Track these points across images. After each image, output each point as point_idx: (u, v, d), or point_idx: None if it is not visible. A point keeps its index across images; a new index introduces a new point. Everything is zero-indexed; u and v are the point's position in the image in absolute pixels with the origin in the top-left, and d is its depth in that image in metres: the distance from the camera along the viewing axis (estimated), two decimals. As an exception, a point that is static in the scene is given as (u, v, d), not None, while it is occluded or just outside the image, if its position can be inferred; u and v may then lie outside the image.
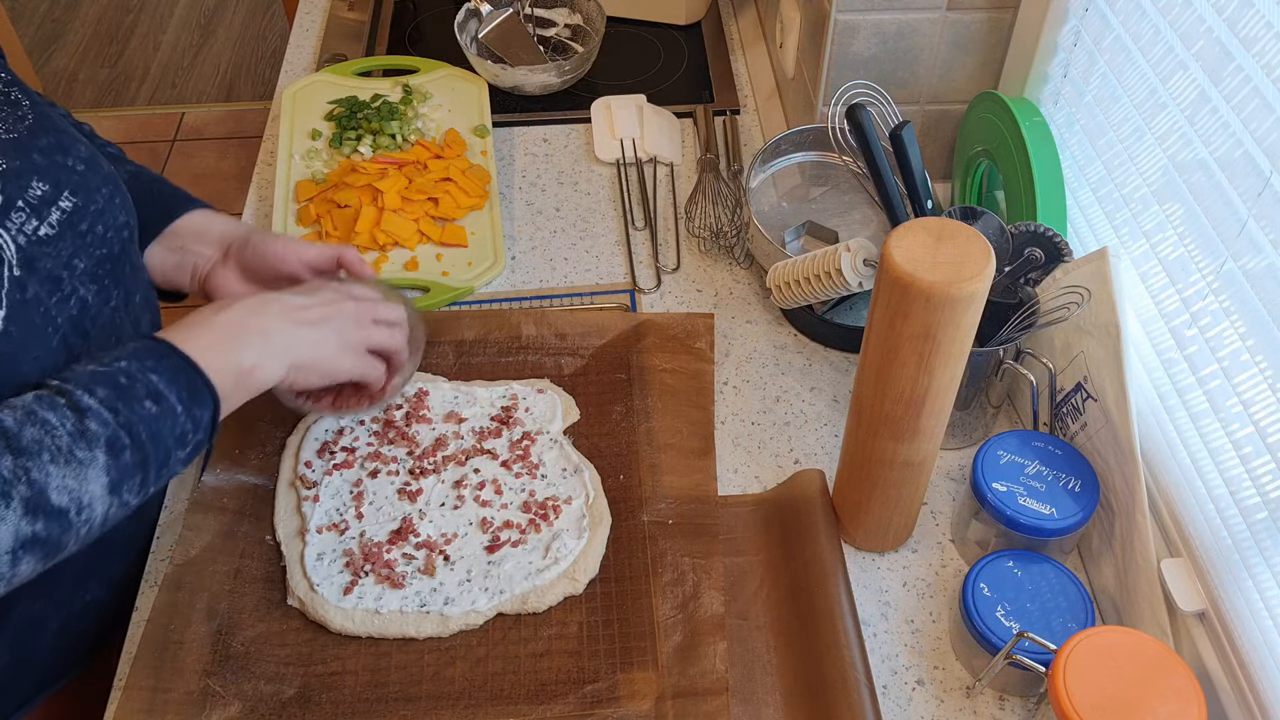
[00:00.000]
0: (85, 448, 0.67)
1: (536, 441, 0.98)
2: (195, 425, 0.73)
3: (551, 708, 0.82)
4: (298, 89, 1.36)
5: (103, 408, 0.68)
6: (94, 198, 0.80)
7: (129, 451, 0.69)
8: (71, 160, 0.79)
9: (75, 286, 0.78)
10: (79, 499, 0.66)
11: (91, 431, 0.67)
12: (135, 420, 0.69)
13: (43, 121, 0.79)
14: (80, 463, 0.66)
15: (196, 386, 0.73)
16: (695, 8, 1.52)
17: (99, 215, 0.80)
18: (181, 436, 0.72)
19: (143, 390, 0.70)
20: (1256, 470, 0.75)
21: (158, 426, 0.70)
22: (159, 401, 0.70)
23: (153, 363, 0.72)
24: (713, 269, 1.18)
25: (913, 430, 0.81)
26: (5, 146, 0.75)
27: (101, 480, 0.67)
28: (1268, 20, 0.71)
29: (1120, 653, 0.74)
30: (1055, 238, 0.92)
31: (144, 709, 0.82)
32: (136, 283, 0.87)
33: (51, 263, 0.76)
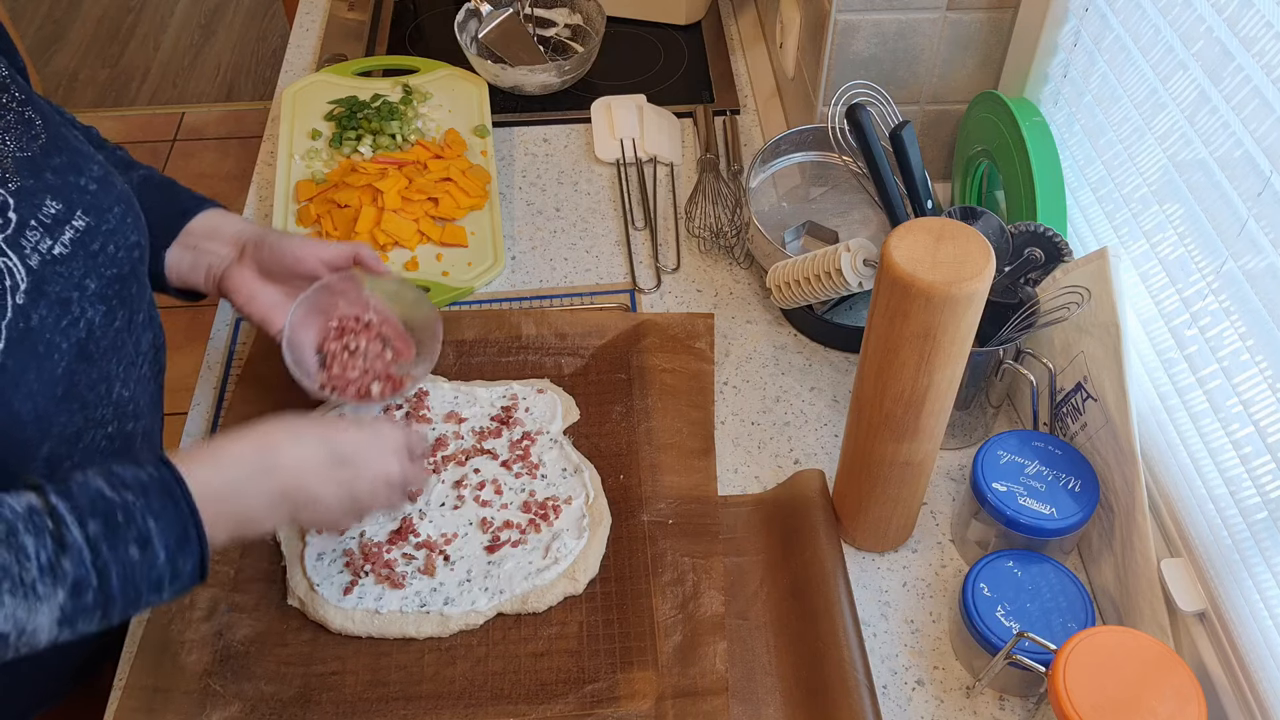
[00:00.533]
0: (49, 584, 0.65)
1: (536, 441, 0.98)
2: (174, 574, 0.69)
3: (551, 707, 0.82)
4: (298, 89, 1.36)
5: (85, 547, 0.66)
6: (106, 218, 0.80)
7: (93, 593, 0.66)
8: (84, 180, 0.79)
9: (84, 308, 0.78)
10: (23, 628, 0.65)
11: (62, 570, 0.65)
12: (112, 565, 0.66)
13: (56, 140, 0.80)
14: (38, 598, 0.64)
15: (189, 539, 0.70)
16: (695, 8, 1.52)
17: (110, 235, 0.80)
18: (157, 582, 0.69)
19: (134, 534, 0.67)
20: (1256, 470, 0.75)
21: (134, 573, 0.67)
22: (144, 549, 0.68)
23: (158, 506, 0.69)
24: (713, 269, 1.18)
25: (913, 430, 0.81)
26: (20, 165, 0.75)
27: (53, 615, 0.65)
28: (1268, 20, 0.71)
29: (1120, 653, 0.74)
30: (1055, 238, 0.92)
31: (144, 709, 0.82)
32: (141, 302, 0.87)
33: (62, 284, 0.76)
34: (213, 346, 1.10)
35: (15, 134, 0.76)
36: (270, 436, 0.76)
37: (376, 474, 0.79)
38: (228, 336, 1.10)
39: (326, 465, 0.77)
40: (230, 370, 1.07)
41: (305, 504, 0.76)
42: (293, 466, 0.75)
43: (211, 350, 1.09)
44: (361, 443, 0.79)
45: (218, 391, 1.05)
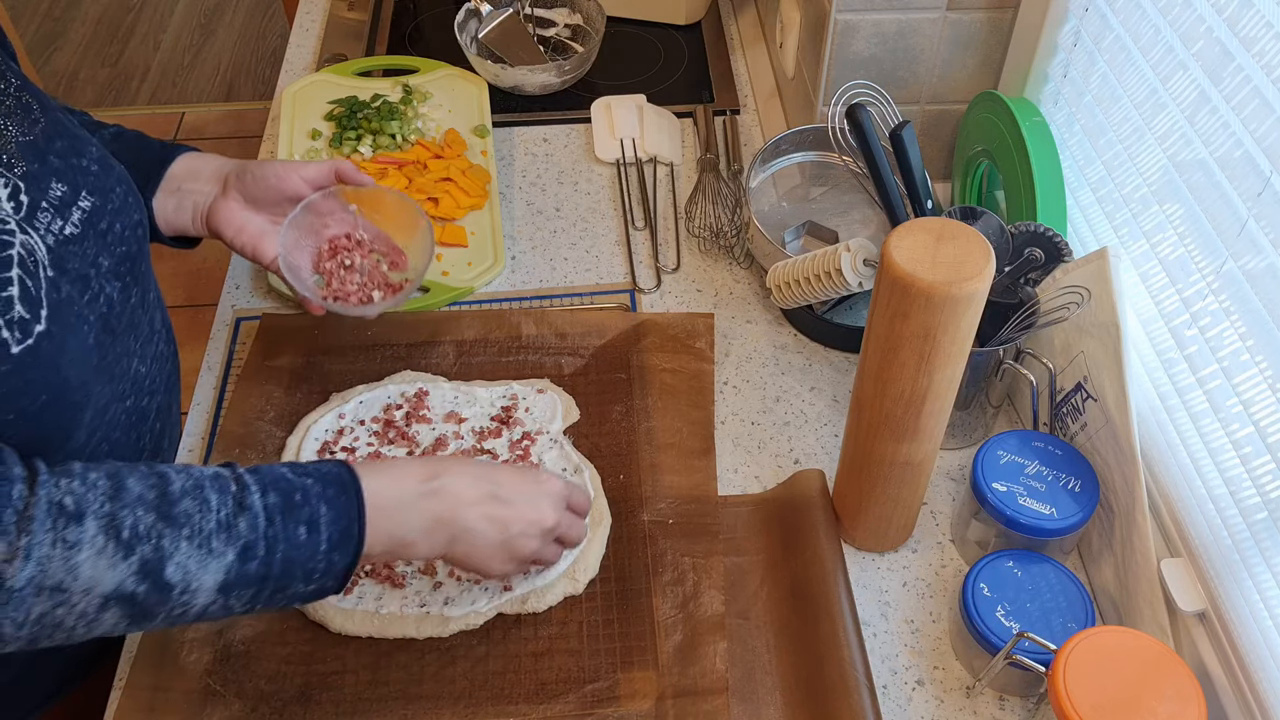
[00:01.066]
0: (223, 540, 0.67)
1: (536, 441, 0.98)
2: (328, 568, 0.72)
3: (551, 707, 0.82)
4: (298, 89, 1.36)
5: (262, 513, 0.69)
6: (110, 197, 0.81)
7: (257, 563, 0.69)
8: (86, 161, 0.80)
9: (102, 285, 0.79)
10: (189, 582, 0.67)
11: (237, 530, 0.68)
12: (281, 539, 0.69)
13: (55, 125, 0.80)
14: (210, 552, 0.67)
15: (350, 534, 0.72)
16: (695, 8, 1.52)
17: (116, 214, 0.81)
18: (310, 572, 0.71)
19: (306, 514, 0.70)
20: (1256, 470, 0.75)
21: (296, 554, 0.70)
22: (312, 532, 0.70)
23: (332, 494, 0.72)
24: (713, 269, 1.18)
25: (913, 430, 0.81)
26: (24, 149, 0.76)
27: (218, 577, 0.67)
28: (1268, 20, 0.71)
29: (1120, 653, 0.74)
30: (1055, 238, 0.92)
31: (144, 709, 0.82)
32: (150, 280, 0.89)
33: (79, 262, 0.77)
34: (213, 346, 1.10)
35: (16, 119, 0.77)
36: (439, 464, 0.79)
37: (532, 518, 0.80)
38: (228, 336, 1.10)
39: (484, 499, 0.78)
40: (230, 370, 1.07)
41: (460, 535, 0.77)
42: (453, 493, 0.77)
43: (211, 350, 1.09)
44: (522, 486, 0.81)
45: (218, 392, 1.05)
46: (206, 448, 1.00)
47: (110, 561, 0.64)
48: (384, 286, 0.98)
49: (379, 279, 0.98)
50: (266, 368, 1.04)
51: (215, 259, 2.40)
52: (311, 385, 1.04)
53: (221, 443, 0.98)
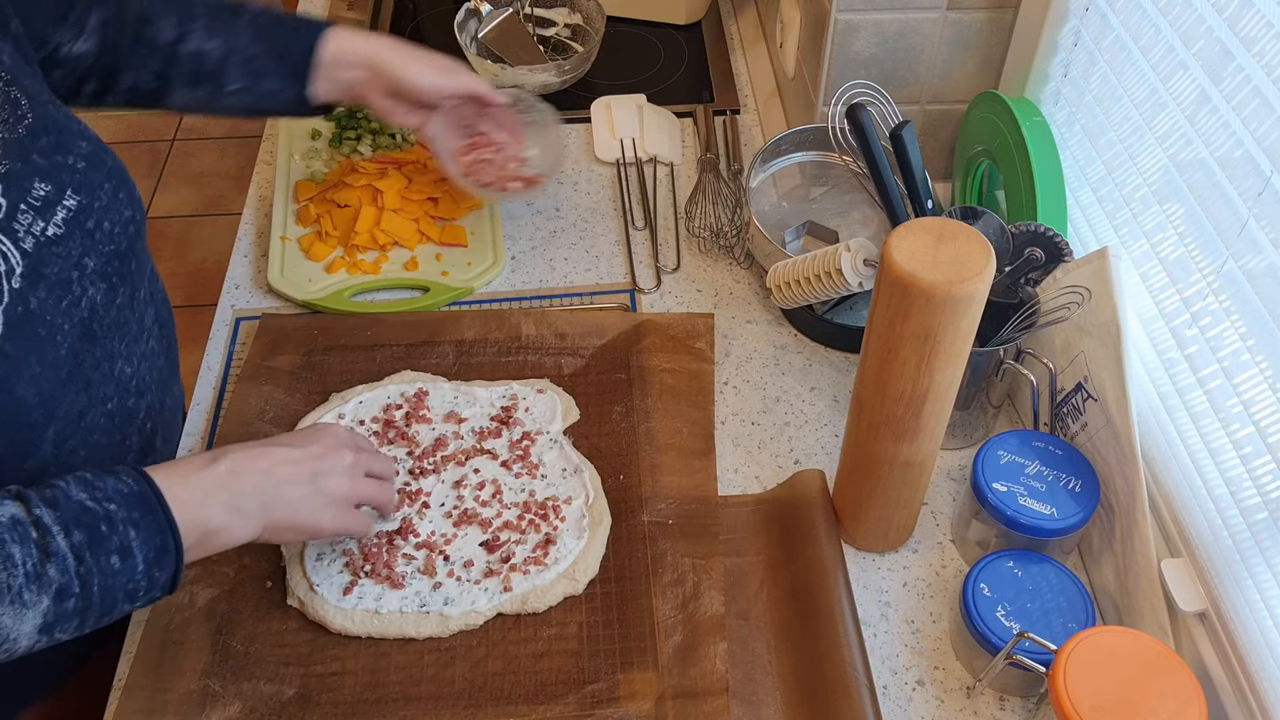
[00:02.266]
0: (34, 591, 0.67)
1: (536, 441, 0.98)
2: (151, 584, 0.72)
3: (551, 708, 0.82)
4: (297, 89, 1.35)
5: (70, 555, 0.68)
6: (97, 194, 0.80)
7: (75, 600, 0.68)
8: (72, 159, 0.80)
9: (85, 287, 0.79)
10: (6, 635, 0.67)
11: (48, 578, 0.67)
12: (95, 574, 0.69)
13: (42, 120, 0.79)
14: (24, 605, 0.66)
15: (166, 549, 0.72)
16: (695, 8, 1.52)
17: (104, 211, 0.81)
18: (133, 592, 0.71)
19: (115, 544, 0.69)
20: (1257, 470, 0.75)
21: (114, 582, 0.70)
22: (125, 559, 0.70)
23: (138, 516, 0.71)
24: (713, 269, 1.18)
25: (913, 430, 0.81)
26: (7, 148, 0.75)
27: (36, 622, 0.67)
28: (1268, 20, 0.71)
29: (1120, 653, 0.74)
30: (1055, 237, 0.92)
31: (144, 709, 0.82)
32: (142, 278, 0.88)
33: (60, 265, 0.76)
34: (212, 346, 1.10)
35: (0, 117, 0.76)
36: (224, 450, 0.78)
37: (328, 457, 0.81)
38: (228, 336, 1.10)
39: (273, 459, 0.79)
40: (230, 370, 1.07)
41: (270, 500, 0.77)
42: (243, 464, 0.77)
43: (211, 350, 1.09)
44: (300, 438, 0.82)
45: (217, 392, 1.05)
46: (206, 448, 1.00)
47: None
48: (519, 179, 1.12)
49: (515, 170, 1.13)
50: (266, 368, 1.04)
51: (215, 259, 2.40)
52: (311, 385, 1.04)
53: (221, 443, 0.98)
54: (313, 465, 0.80)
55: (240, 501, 0.76)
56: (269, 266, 1.14)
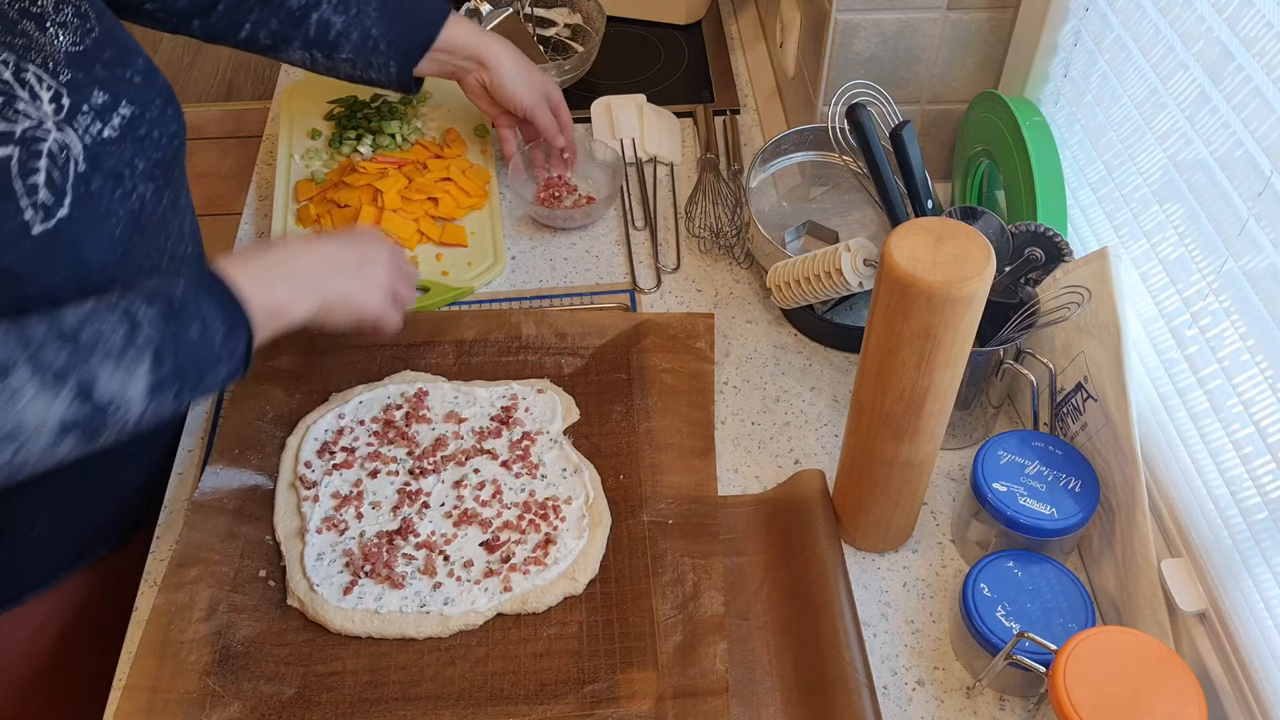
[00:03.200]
0: (134, 354, 0.74)
1: (536, 441, 0.98)
2: (229, 354, 0.79)
3: (551, 708, 0.82)
4: (297, 88, 1.35)
5: (154, 321, 0.75)
6: (150, 107, 0.87)
7: (169, 364, 0.75)
8: (130, 73, 0.87)
9: (135, 184, 0.86)
10: (120, 396, 0.74)
11: (140, 341, 0.74)
12: (179, 340, 0.76)
13: (106, 34, 0.86)
14: (128, 366, 0.74)
15: (237, 320, 0.79)
16: (695, 7, 1.52)
17: (154, 123, 0.88)
18: (215, 362, 0.78)
19: (190, 315, 0.77)
20: (1256, 470, 0.75)
21: (196, 350, 0.77)
22: (203, 328, 0.77)
23: (204, 291, 0.78)
24: (713, 269, 1.18)
25: (913, 430, 0.81)
26: (71, 59, 0.81)
27: (142, 385, 0.74)
28: (1268, 20, 0.71)
29: (1120, 653, 0.74)
30: (1055, 237, 0.92)
31: (144, 709, 0.82)
32: (182, 187, 0.96)
33: (114, 161, 0.83)
34: (212, 346, 1.10)
35: (71, 29, 0.82)
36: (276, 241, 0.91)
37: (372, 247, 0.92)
38: (227, 336, 1.10)
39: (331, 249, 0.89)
40: (230, 370, 1.07)
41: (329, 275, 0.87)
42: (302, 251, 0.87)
43: (211, 350, 1.09)
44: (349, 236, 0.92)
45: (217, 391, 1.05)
46: (206, 448, 1.00)
47: (47, 400, 0.70)
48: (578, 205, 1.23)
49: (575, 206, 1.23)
50: (266, 368, 1.04)
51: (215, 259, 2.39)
52: (311, 385, 1.04)
53: (221, 443, 0.98)
54: (360, 255, 0.90)
55: (300, 279, 0.85)
56: (269, 266, 1.14)
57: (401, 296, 0.94)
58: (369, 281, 0.89)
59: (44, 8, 0.82)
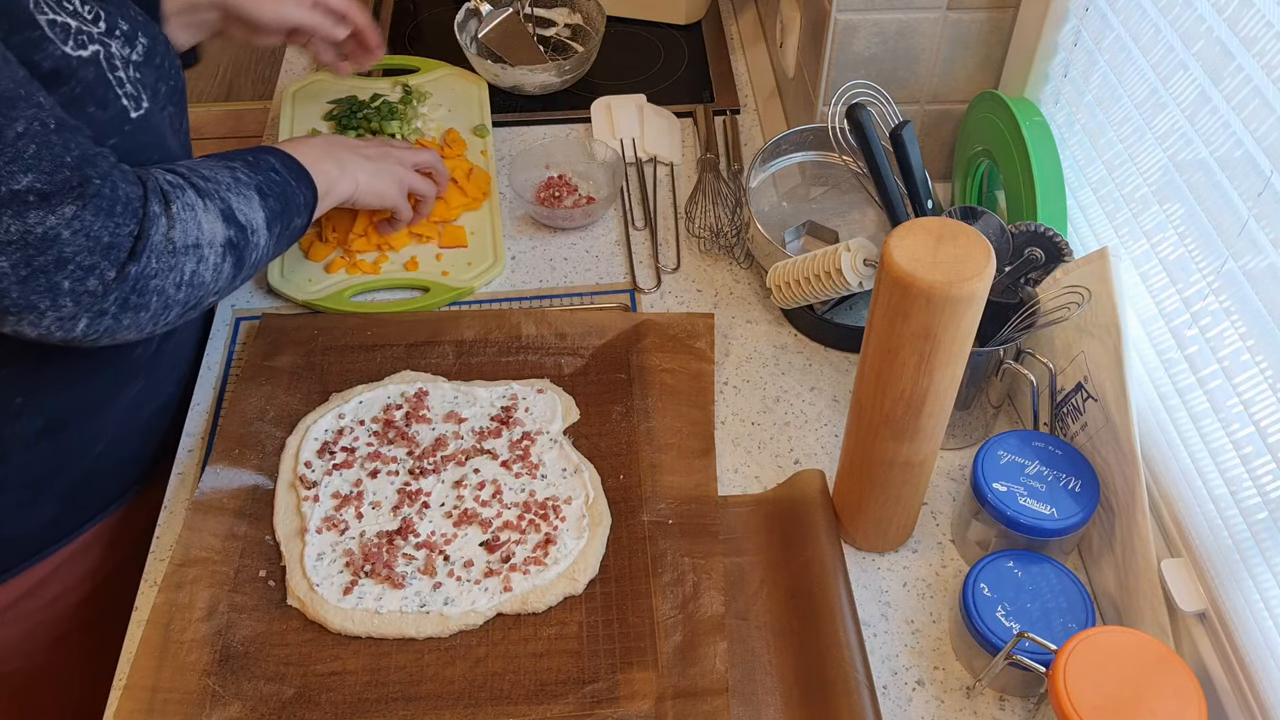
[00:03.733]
0: (247, 190, 0.89)
1: (536, 441, 0.98)
2: (305, 202, 0.95)
3: (551, 708, 0.82)
4: (297, 89, 1.35)
5: (244, 170, 0.90)
6: (158, 40, 0.95)
7: (271, 199, 0.91)
8: (134, 12, 0.94)
9: (164, 103, 0.94)
10: (253, 222, 0.88)
11: (243, 180, 0.89)
12: (268, 182, 0.91)
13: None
14: (246, 197, 0.88)
15: (302, 172, 0.96)
16: (695, 8, 1.52)
17: (165, 54, 0.95)
18: (297, 203, 0.94)
19: (267, 165, 0.93)
20: (1257, 470, 0.75)
21: (284, 189, 0.93)
22: (278, 174, 0.93)
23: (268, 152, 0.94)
24: (713, 269, 1.18)
25: (913, 430, 0.81)
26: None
27: (261, 214, 0.89)
28: (1268, 20, 0.71)
29: (1120, 653, 0.74)
30: (1055, 237, 0.92)
31: (144, 709, 0.82)
32: (187, 118, 1.04)
33: (150, 78, 0.91)
34: (212, 346, 1.10)
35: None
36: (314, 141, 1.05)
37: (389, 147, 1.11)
38: (228, 336, 1.10)
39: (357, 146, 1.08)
40: (230, 370, 1.07)
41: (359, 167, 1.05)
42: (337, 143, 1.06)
43: (211, 350, 1.09)
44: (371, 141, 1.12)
45: (217, 392, 1.05)
46: (206, 448, 1.00)
47: (211, 217, 0.85)
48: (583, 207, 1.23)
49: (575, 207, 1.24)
50: (266, 368, 1.04)
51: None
52: (311, 385, 1.04)
53: (221, 443, 0.98)
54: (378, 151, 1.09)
55: (341, 163, 1.03)
56: (269, 267, 1.14)
57: (418, 191, 1.12)
58: (390, 174, 1.07)
59: None
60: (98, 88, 0.82)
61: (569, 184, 1.25)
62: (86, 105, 0.81)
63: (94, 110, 0.81)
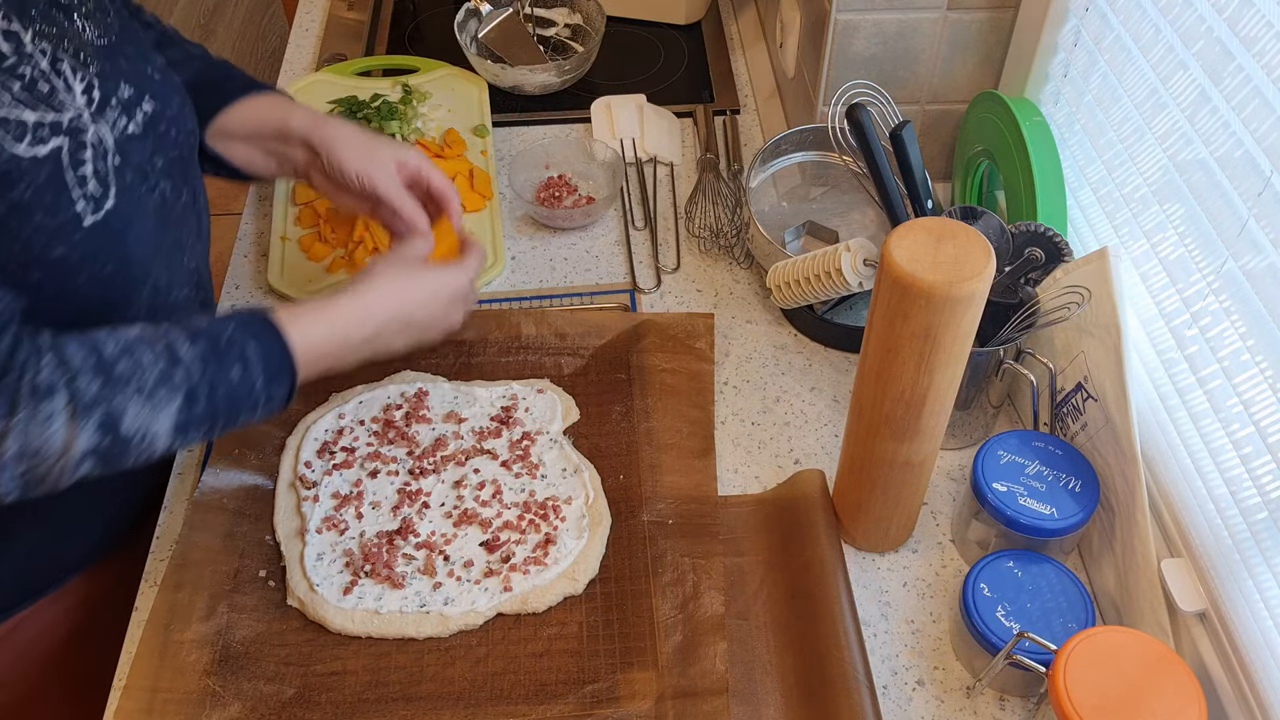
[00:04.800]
0: (166, 392, 0.75)
1: (536, 441, 0.98)
2: (269, 399, 0.80)
3: (551, 708, 0.82)
4: (298, 89, 1.35)
5: (196, 361, 0.76)
6: (170, 104, 0.88)
7: (203, 404, 0.76)
8: (150, 69, 0.87)
9: (158, 180, 0.86)
10: (145, 431, 0.74)
11: (175, 380, 0.75)
12: (217, 382, 0.77)
13: (126, 30, 0.86)
14: (157, 404, 0.74)
15: (282, 370, 0.80)
16: (695, 8, 1.52)
17: (173, 120, 0.88)
18: (253, 404, 0.79)
19: (235, 356, 0.77)
20: (1256, 470, 0.75)
21: (235, 392, 0.78)
22: (245, 370, 0.78)
23: (254, 337, 0.79)
24: (713, 269, 1.18)
25: (913, 430, 0.81)
26: (99, 52, 0.81)
27: (169, 422, 0.75)
28: (1268, 20, 0.71)
29: (1120, 653, 0.74)
30: (1055, 237, 0.92)
31: (144, 709, 0.82)
32: (198, 184, 0.95)
33: (139, 157, 0.83)
34: (212, 346, 1.10)
35: (95, 21, 0.82)
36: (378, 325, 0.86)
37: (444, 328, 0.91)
38: (227, 336, 1.10)
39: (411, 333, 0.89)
40: (230, 370, 1.07)
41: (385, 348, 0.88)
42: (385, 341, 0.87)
43: (211, 350, 1.09)
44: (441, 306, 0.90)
45: (217, 391, 1.05)
46: (206, 448, 1.00)
47: (76, 427, 0.71)
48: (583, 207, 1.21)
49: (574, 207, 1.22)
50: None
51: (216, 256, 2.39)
52: (311, 385, 1.03)
53: (221, 443, 0.98)
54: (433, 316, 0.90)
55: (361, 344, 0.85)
56: (269, 267, 1.14)
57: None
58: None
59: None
60: (49, 191, 0.74)
61: (569, 184, 1.25)
62: (34, 213, 0.73)
63: (41, 218, 0.73)
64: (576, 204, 1.23)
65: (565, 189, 1.24)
